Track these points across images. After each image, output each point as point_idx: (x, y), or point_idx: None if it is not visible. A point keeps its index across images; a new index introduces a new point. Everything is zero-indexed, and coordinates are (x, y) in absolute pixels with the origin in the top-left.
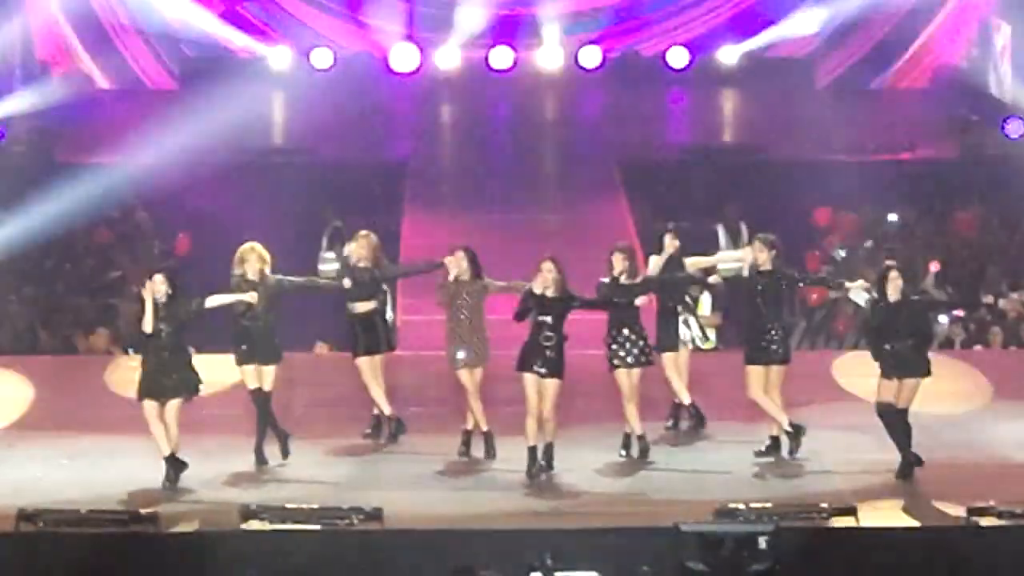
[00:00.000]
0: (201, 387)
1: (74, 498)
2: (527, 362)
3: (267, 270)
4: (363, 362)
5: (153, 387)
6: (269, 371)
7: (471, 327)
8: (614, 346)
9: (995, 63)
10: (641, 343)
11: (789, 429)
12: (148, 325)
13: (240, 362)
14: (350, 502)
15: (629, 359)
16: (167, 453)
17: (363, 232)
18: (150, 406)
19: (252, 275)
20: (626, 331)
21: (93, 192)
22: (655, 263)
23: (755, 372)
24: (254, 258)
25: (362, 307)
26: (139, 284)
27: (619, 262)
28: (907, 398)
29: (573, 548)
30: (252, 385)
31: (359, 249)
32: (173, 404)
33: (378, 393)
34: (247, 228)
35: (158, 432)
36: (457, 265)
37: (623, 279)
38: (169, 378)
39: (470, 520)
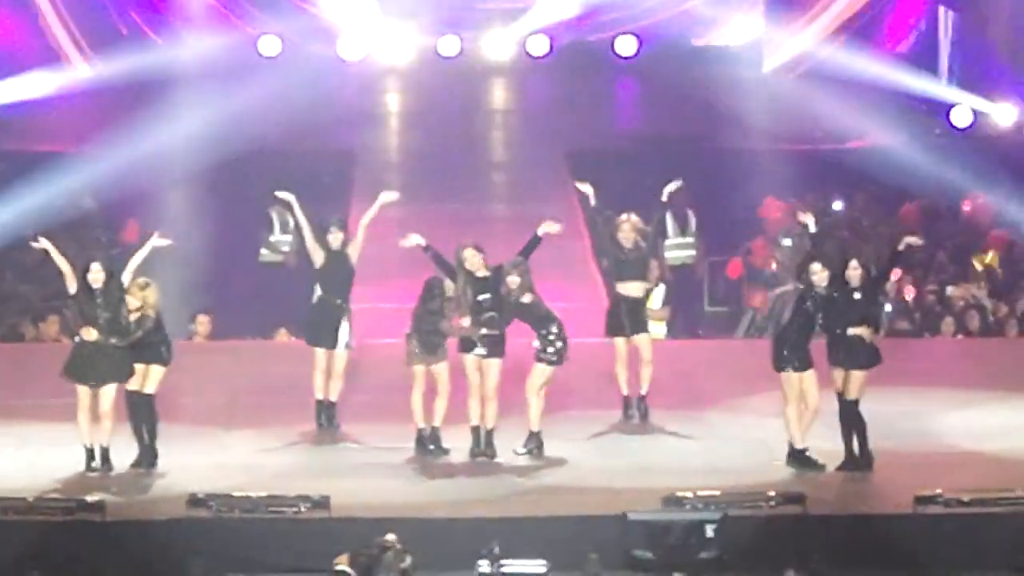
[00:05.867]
0: (133, 375)
1: (21, 487)
2: (468, 344)
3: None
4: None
5: (87, 371)
6: (156, 371)
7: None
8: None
9: (941, 51)
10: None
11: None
12: (72, 285)
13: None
14: (297, 490)
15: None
16: (88, 444)
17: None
18: (83, 392)
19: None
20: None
21: (41, 180)
22: None
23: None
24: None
25: None
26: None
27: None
28: (856, 389)
29: (520, 537)
30: (132, 386)
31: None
32: (109, 390)
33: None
34: (194, 216)
35: (84, 419)
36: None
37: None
38: (104, 363)
39: (418, 508)
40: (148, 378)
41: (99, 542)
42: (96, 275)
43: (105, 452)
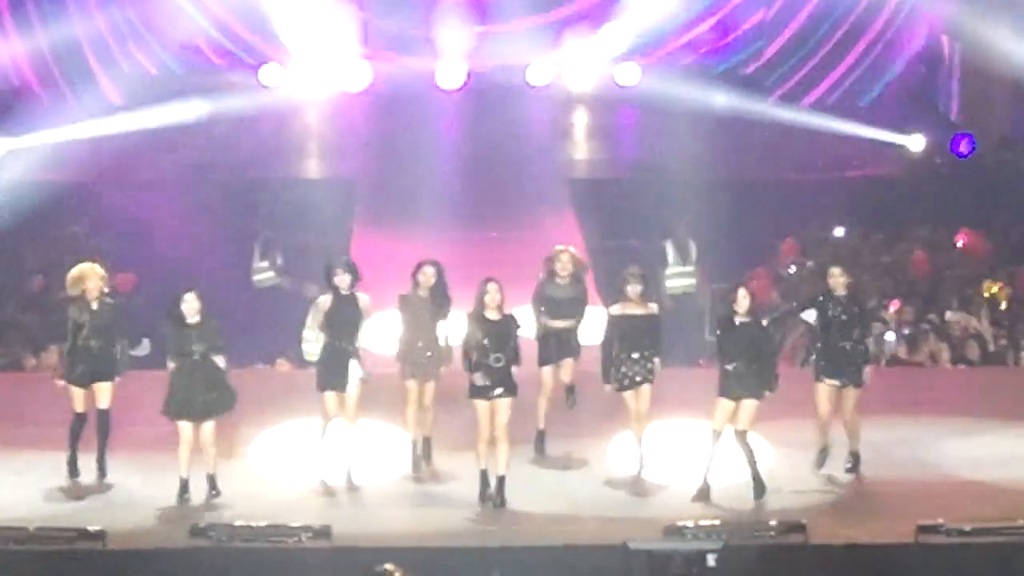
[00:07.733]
0: (235, 403)
1: (22, 516)
2: (480, 389)
3: (105, 289)
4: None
5: (187, 408)
6: (105, 388)
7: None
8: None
9: (943, 81)
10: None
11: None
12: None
13: (74, 383)
14: (299, 520)
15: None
16: (185, 475)
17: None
18: (185, 427)
19: (92, 295)
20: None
21: (40, 208)
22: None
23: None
24: (96, 278)
25: None
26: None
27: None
28: (746, 420)
29: (522, 566)
30: (80, 408)
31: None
32: (210, 424)
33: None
34: (194, 244)
35: (185, 454)
36: (427, 281)
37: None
38: (204, 398)
39: (419, 538)
40: (100, 394)
41: (100, 572)
42: (192, 304)
43: (212, 479)
